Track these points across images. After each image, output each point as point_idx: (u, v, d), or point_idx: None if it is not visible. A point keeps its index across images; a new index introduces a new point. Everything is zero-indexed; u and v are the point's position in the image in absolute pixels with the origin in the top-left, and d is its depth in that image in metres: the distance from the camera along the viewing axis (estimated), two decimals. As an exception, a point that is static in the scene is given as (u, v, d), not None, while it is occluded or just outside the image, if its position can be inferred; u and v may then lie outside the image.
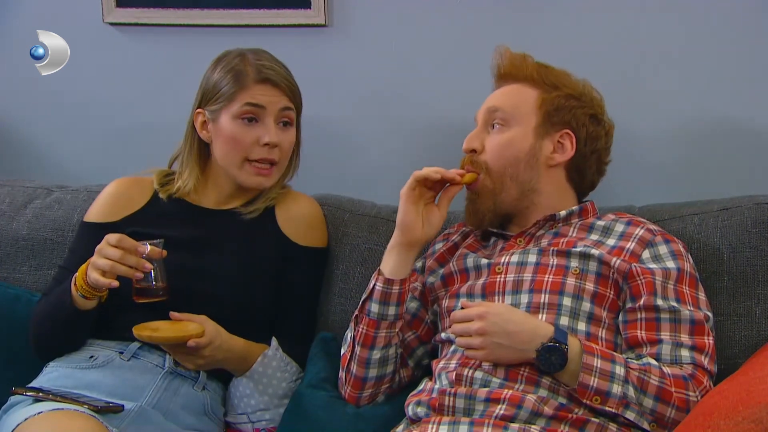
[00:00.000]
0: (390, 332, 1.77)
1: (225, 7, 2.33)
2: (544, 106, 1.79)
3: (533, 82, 1.81)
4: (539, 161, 1.78)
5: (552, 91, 1.80)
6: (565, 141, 1.79)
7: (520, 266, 1.73)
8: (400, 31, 2.25)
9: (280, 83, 1.92)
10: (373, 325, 1.76)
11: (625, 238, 1.74)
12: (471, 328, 1.63)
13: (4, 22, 2.51)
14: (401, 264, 1.76)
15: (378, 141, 2.30)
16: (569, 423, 1.56)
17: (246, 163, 1.93)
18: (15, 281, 2.17)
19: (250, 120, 1.91)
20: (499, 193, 1.78)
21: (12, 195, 2.27)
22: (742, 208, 1.86)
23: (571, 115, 1.79)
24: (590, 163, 1.82)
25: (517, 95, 1.81)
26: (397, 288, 1.75)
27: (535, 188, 1.78)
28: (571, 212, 1.80)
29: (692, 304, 1.67)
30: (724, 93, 2.07)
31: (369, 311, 1.76)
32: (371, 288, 1.77)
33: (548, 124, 1.78)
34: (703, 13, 2.06)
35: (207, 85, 1.95)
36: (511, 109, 1.79)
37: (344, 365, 1.81)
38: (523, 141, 1.78)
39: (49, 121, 2.53)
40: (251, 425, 1.89)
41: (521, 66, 1.83)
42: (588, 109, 1.81)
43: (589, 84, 1.84)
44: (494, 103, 1.82)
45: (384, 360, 1.78)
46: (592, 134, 1.81)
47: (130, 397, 1.79)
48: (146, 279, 1.76)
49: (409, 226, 1.75)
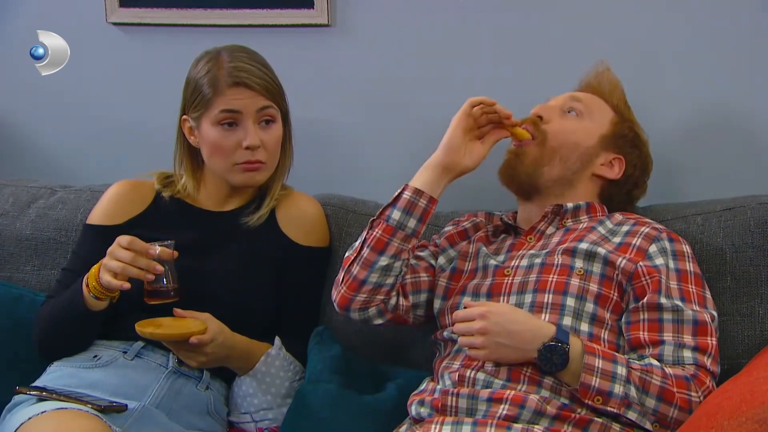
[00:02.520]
0: (403, 244, 1.77)
1: (228, 7, 2.33)
2: (616, 127, 1.87)
3: (612, 107, 1.89)
4: (590, 163, 1.84)
5: (626, 123, 1.89)
6: (615, 164, 1.86)
7: (528, 269, 1.74)
8: (403, 31, 2.25)
9: (254, 85, 1.89)
10: (389, 231, 1.76)
11: (631, 235, 1.75)
12: (473, 328, 1.63)
13: (7, 22, 2.51)
14: (434, 182, 1.78)
15: (381, 141, 2.30)
16: (572, 423, 1.56)
17: (234, 166, 1.93)
18: (18, 281, 2.17)
19: (230, 124, 1.90)
20: (542, 165, 1.82)
21: (16, 195, 2.27)
22: (746, 208, 1.86)
23: (631, 149, 1.88)
24: (620, 195, 1.89)
25: (599, 104, 1.90)
26: (425, 202, 1.76)
27: (572, 182, 1.83)
28: (578, 206, 1.82)
29: (698, 303, 1.67)
30: (728, 93, 2.07)
31: (389, 217, 1.76)
32: (396, 195, 1.77)
33: (612, 141, 1.86)
34: (708, 13, 2.06)
35: (187, 90, 1.94)
36: (592, 107, 1.87)
37: (345, 266, 1.81)
38: (589, 136, 1.85)
39: (52, 121, 2.53)
40: (254, 424, 1.89)
41: (613, 92, 1.91)
42: (645, 156, 1.90)
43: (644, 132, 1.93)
44: (579, 95, 1.89)
45: (388, 268, 1.78)
46: (631, 177, 1.88)
47: (134, 397, 1.80)
48: (157, 280, 1.76)
49: (454, 147, 1.77)
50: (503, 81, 2.13)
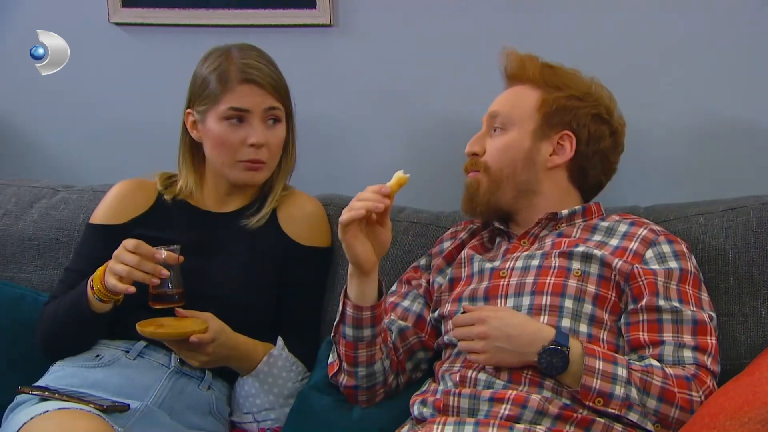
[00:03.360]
0: (371, 350, 1.74)
1: (231, 7, 2.33)
2: (543, 108, 1.80)
3: (536, 84, 1.82)
4: (537, 163, 1.79)
5: (554, 92, 1.80)
6: (564, 142, 1.80)
7: (523, 271, 1.73)
8: (405, 30, 2.25)
9: (264, 83, 1.90)
10: (350, 346, 1.73)
11: (627, 238, 1.74)
12: (472, 332, 1.63)
13: (10, 23, 2.51)
14: (366, 290, 1.70)
15: (384, 140, 2.30)
16: (574, 423, 1.56)
17: (237, 163, 1.93)
18: (21, 281, 2.17)
19: (238, 121, 1.91)
20: (494, 192, 1.79)
21: (18, 195, 2.27)
22: (748, 209, 1.85)
23: (572, 116, 1.79)
24: (593, 163, 1.82)
25: (516, 98, 1.83)
26: (369, 313, 1.71)
27: (533, 189, 1.80)
28: (574, 212, 1.80)
29: (695, 304, 1.67)
30: (730, 92, 2.07)
31: (344, 334, 1.73)
32: (341, 312, 1.72)
33: (547, 126, 1.79)
34: (709, 13, 2.06)
35: (194, 84, 1.94)
36: (510, 113, 1.81)
37: (331, 374, 1.80)
38: (520, 144, 1.79)
39: (55, 121, 2.53)
40: (256, 425, 1.89)
41: (525, 67, 1.84)
42: (591, 109, 1.81)
43: (598, 83, 1.85)
44: (494, 108, 1.84)
45: (371, 375, 1.76)
46: (594, 134, 1.81)
47: (136, 397, 1.80)
48: (162, 285, 1.77)
49: (361, 259, 1.66)
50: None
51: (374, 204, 1.63)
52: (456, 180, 1.91)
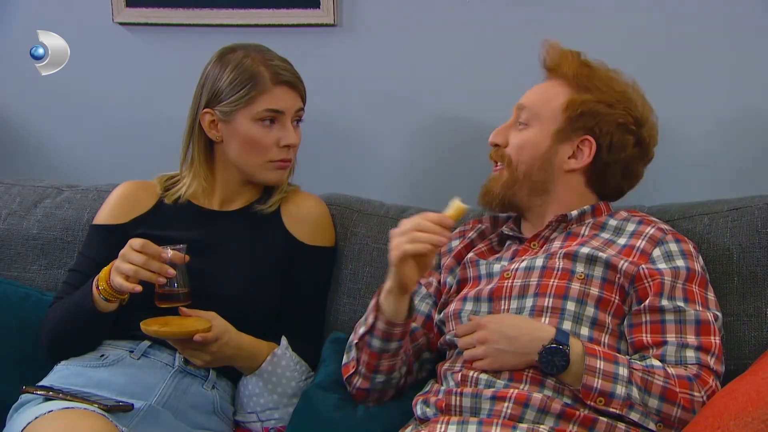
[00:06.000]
0: (393, 361, 1.74)
1: (234, 7, 2.33)
2: (569, 109, 1.76)
3: (569, 82, 1.79)
4: (554, 165, 1.77)
5: (584, 94, 1.77)
6: (584, 147, 1.77)
7: (528, 271, 1.73)
8: (409, 30, 2.25)
9: (297, 85, 1.94)
10: (374, 356, 1.73)
11: (635, 236, 1.74)
12: (473, 338, 1.64)
13: (13, 23, 2.52)
14: (401, 307, 1.68)
15: (387, 140, 2.30)
16: (578, 422, 1.56)
17: (268, 163, 1.94)
18: (25, 280, 2.18)
19: (271, 121, 1.92)
20: (511, 187, 1.79)
21: (22, 194, 2.28)
22: (753, 208, 1.85)
23: (596, 121, 1.75)
24: (614, 170, 1.79)
25: (546, 94, 1.80)
26: (400, 329, 1.70)
27: (547, 190, 1.78)
28: (583, 212, 1.79)
29: (701, 303, 1.66)
30: (734, 92, 2.07)
31: (370, 344, 1.72)
32: (372, 324, 1.70)
33: (570, 129, 1.76)
34: (716, 11, 2.05)
35: (215, 84, 1.94)
36: (536, 109, 1.79)
37: (346, 376, 1.79)
38: (539, 143, 1.77)
39: (59, 121, 2.54)
40: (260, 424, 1.89)
41: (562, 63, 1.80)
42: (618, 117, 1.76)
43: (636, 89, 1.81)
44: (523, 101, 1.82)
45: (387, 381, 1.77)
46: (618, 143, 1.77)
47: (140, 396, 1.80)
48: (169, 284, 1.77)
49: (407, 282, 1.64)
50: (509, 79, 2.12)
51: (439, 239, 1.59)
52: (461, 179, 1.91)
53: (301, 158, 2.03)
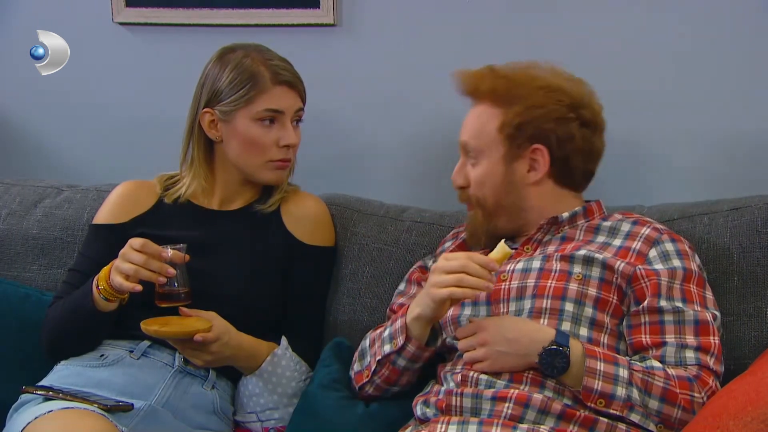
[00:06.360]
0: (412, 376, 1.77)
1: (234, 7, 2.33)
2: (504, 130, 1.74)
3: (494, 102, 1.77)
4: (517, 185, 1.76)
5: (511, 107, 1.74)
6: (537, 156, 1.75)
7: (524, 273, 1.73)
8: (408, 30, 2.25)
9: (297, 85, 1.94)
10: (396, 372, 1.76)
11: (631, 237, 1.73)
12: (473, 341, 1.64)
13: (13, 23, 2.52)
14: (427, 332, 1.72)
15: (386, 140, 2.30)
16: (578, 423, 1.56)
17: (267, 163, 1.94)
18: (25, 280, 2.18)
19: (271, 121, 1.92)
20: (491, 221, 1.79)
21: (22, 194, 2.28)
22: (752, 208, 1.85)
23: (534, 129, 1.73)
24: (575, 160, 1.77)
25: (479, 124, 1.78)
26: (429, 353, 1.74)
27: (523, 208, 1.78)
28: (575, 213, 1.79)
29: (699, 303, 1.66)
30: (733, 92, 2.06)
31: (395, 362, 1.74)
32: (401, 346, 1.71)
33: (515, 147, 1.74)
34: (711, 14, 2.05)
35: (215, 84, 1.94)
36: (476, 143, 1.78)
37: (359, 384, 1.80)
38: (494, 173, 1.76)
39: (59, 121, 2.54)
40: (260, 424, 1.89)
41: (478, 85, 1.79)
42: (551, 113, 1.73)
43: (556, 73, 1.78)
44: (462, 138, 1.81)
45: (400, 391, 1.80)
46: (563, 136, 1.74)
47: (140, 396, 1.80)
48: (169, 284, 1.77)
49: (442, 314, 1.68)
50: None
51: (486, 285, 1.60)
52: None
53: (301, 158, 2.03)
